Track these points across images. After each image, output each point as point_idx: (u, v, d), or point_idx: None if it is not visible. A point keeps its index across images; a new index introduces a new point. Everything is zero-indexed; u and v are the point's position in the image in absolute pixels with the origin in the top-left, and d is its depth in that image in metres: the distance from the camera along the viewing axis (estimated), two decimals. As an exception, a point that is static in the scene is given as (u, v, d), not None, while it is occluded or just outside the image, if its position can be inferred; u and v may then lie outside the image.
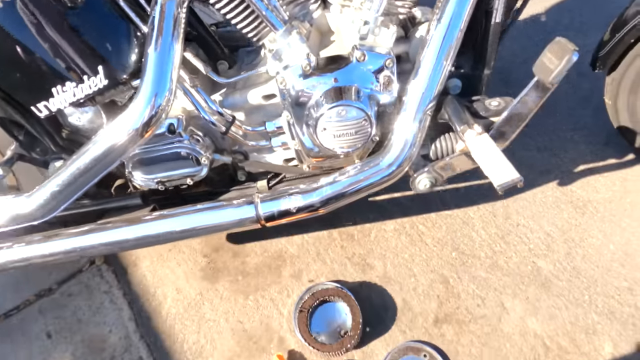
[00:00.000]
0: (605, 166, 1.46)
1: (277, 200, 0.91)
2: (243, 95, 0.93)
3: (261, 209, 0.91)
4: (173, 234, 0.93)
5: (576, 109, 1.60)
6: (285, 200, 0.90)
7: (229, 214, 0.91)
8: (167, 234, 0.93)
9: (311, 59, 0.82)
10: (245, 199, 0.92)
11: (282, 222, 0.93)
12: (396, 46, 0.91)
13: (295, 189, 0.91)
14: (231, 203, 0.92)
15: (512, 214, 1.39)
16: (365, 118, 0.83)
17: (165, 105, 0.81)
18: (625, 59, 1.15)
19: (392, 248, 1.36)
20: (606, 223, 1.35)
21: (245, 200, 0.92)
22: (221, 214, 0.91)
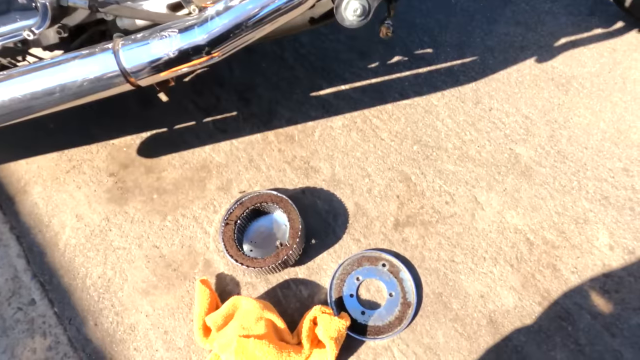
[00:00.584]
0: (591, 37, 1.22)
1: (147, 44, 0.63)
2: None
3: (124, 58, 0.64)
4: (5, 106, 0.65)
5: (554, -22, 1.34)
6: (158, 43, 0.63)
7: (80, 69, 0.64)
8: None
9: None
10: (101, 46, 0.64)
11: (162, 76, 0.66)
12: None
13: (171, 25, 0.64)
14: (82, 54, 0.64)
15: (484, 97, 1.15)
16: None
17: None
18: None
19: (341, 147, 1.11)
20: (594, 99, 1.12)
21: (100, 47, 0.64)
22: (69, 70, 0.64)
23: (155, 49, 0.64)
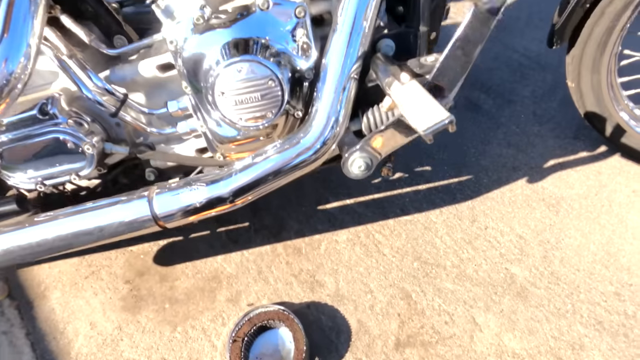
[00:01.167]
0: (577, 160, 1.33)
1: (177, 193, 0.73)
2: (134, 66, 0.78)
3: (157, 206, 0.73)
4: (48, 242, 0.74)
5: (541, 102, 1.49)
6: (187, 193, 0.73)
7: (117, 213, 0.73)
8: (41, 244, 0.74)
9: (205, 11, 0.68)
10: (138, 194, 0.74)
11: (188, 221, 0.75)
12: (316, 4, 0.78)
13: (201, 178, 0.74)
14: (120, 199, 0.74)
15: (479, 215, 1.23)
16: (272, 78, 0.68)
17: (20, 73, 0.65)
18: (582, 31, 1.04)
19: (345, 261, 1.17)
20: (583, 221, 1.20)
21: (138, 195, 0.74)
22: (108, 215, 0.73)
23: (184, 198, 0.73)
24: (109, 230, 0.74)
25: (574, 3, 0.99)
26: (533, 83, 1.54)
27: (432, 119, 0.56)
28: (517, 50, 1.64)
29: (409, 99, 0.61)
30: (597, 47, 1.05)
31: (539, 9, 1.80)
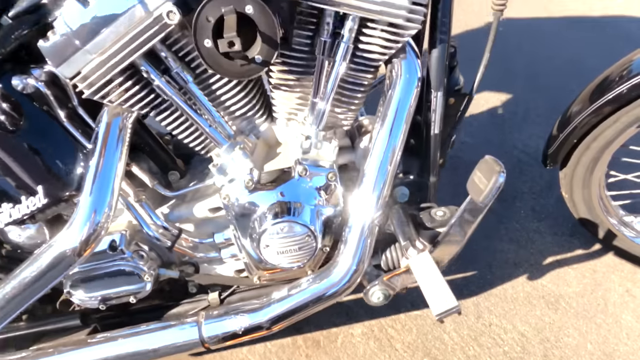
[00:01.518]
0: (573, 257, 1.44)
1: (223, 321, 0.85)
2: (190, 208, 0.92)
3: (205, 331, 0.85)
4: (109, 359, 0.85)
5: (539, 198, 1.62)
6: (231, 321, 0.85)
7: (170, 336, 0.85)
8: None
9: (254, 174, 0.82)
10: (190, 319, 0.86)
11: (230, 344, 0.87)
12: (342, 156, 0.93)
13: (243, 306, 0.86)
14: (174, 325, 0.86)
15: (484, 312, 1.33)
16: (309, 234, 0.81)
17: (104, 222, 0.79)
18: (573, 156, 1.18)
19: (360, 355, 1.27)
20: (580, 320, 1.30)
21: (190, 320, 0.86)
22: (162, 337, 0.85)
23: (229, 325, 0.86)
24: (162, 351, 0.85)
25: (565, 135, 1.13)
26: (531, 179, 1.67)
27: (443, 305, 0.69)
28: (516, 147, 1.79)
29: (424, 273, 0.74)
30: (586, 170, 1.19)
31: (535, 104, 1.96)
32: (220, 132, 0.85)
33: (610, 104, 1.03)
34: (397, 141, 0.83)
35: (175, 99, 0.80)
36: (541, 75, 2.13)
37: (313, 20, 0.77)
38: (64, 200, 0.86)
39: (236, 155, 0.84)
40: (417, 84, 0.83)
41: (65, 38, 0.72)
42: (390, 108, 0.82)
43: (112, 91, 0.78)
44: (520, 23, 2.41)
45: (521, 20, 2.43)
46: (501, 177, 0.67)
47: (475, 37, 2.38)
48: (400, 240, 0.81)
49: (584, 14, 2.51)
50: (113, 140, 0.81)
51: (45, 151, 0.83)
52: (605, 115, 1.05)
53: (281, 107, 0.88)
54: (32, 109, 0.81)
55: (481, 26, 2.43)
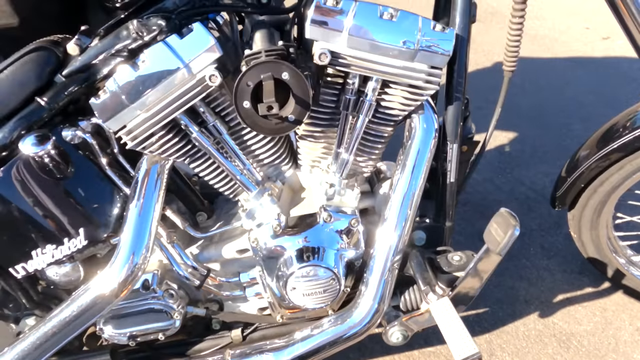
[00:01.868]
0: (583, 295, 1.47)
1: (248, 358, 0.89)
2: (218, 249, 0.97)
3: (231, 370, 0.89)
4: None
5: (547, 236, 1.66)
6: (256, 359, 0.89)
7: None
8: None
9: (281, 219, 0.88)
10: (216, 357, 0.90)
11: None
12: (363, 201, 0.98)
13: (267, 345, 0.90)
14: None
15: (496, 350, 1.36)
16: (333, 277, 0.86)
17: (142, 264, 0.84)
18: (580, 199, 1.23)
19: (375, 393, 1.29)
20: (593, 359, 1.32)
21: (216, 358, 0.90)
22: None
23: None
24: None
25: (573, 178, 1.18)
26: (540, 216, 1.72)
27: (464, 351, 0.73)
28: (524, 183, 1.85)
29: (444, 318, 0.78)
30: (593, 213, 1.23)
31: (541, 142, 2.03)
32: (249, 178, 0.91)
33: (616, 151, 1.08)
34: (416, 188, 0.89)
35: (210, 149, 0.86)
36: (545, 115, 2.20)
37: (339, 81, 0.84)
38: (102, 242, 0.92)
39: (265, 201, 0.90)
40: (434, 136, 0.89)
41: (115, 96, 0.79)
42: (410, 157, 0.88)
43: (153, 143, 0.85)
44: (525, 63, 2.49)
45: (525, 60, 2.52)
46: (516, 230, 0.73)
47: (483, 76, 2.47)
48: (420, 284, 0.86)
49: (586, 54, 2.60)
50: (151, 186, 0.88)
51: (88, 196, 0.89)
52: (611, 162, 1.10)
53: (306, 155, 0.94)
54: (78, 158, 0.87)
55: (488, 66, 2.53)
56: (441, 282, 0.84)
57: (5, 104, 0.82)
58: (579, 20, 2.87)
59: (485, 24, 2.82)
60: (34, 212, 0.85)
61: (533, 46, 2.65)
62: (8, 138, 0.82)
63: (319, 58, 0.77)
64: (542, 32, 2.75)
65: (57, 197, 0.86)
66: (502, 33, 2.65)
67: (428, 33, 0.78)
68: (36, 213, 0.85)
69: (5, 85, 0.82)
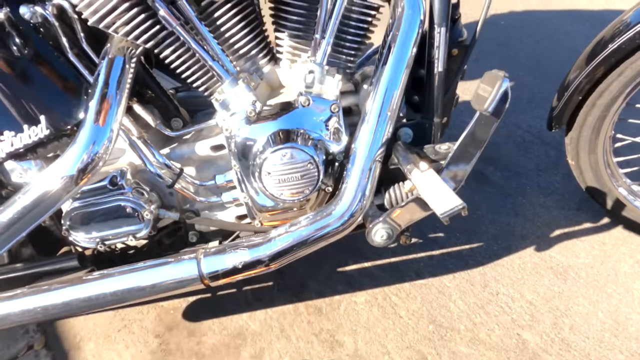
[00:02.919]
0: (582, 230, 1.41)
1: (222, 256, 0.83)
2: (191, 146, 0.92)
3: (204, 266, 0.83)
4: (105, 296, 0.84)
5: (545, 175, 1.60)
6: (230, 256, 0.83)
7: (167, 272, 0.83)
8: (99, 297, 0.84)
9: (256, 105, 0.82)
10: (188, 255, 0.85)
11: (229, 280, 0.85)
12: (346, 98, 0.93)
13: (243, 242, 0.85)
14: (170, 260, 0.84)
15: (490, 281, 1.30)
16: (311, 162, 0.80)
17: (102, 153, 0.78)
18: (578, 117, 1.17)
19: (364, 322, 1.24)
20: (590, 290, 1.26)
21: (187, 256, 0.84)
22: (159, 273, 0.83)
23: (228, 260, 0.84)
24: (159, 287, 0.83)
25: (569, 93, 1.13)
26: (537, 157, 1.66)
27: (447, 205, 0.67)
28: (520, 127, 1.79)
29: (427, 185, 0.73)
30: (592, 132, 1.17)
31: (539, 90, 1.96)
32: (222, 67, 0.85)
33: (613, 55, 1.03)
34: (400, 75, 0.83)
35: (179, 30, 0.80)
36: (543, 64, 2.14)
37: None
38: (66, 134, 0.86)
39: (239, 90, 0.84)
40: (420, 20, 0.83)
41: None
42: (395, 43, 0.82)
43: (117, 19, 0.79)
44: (522, 16, 2.43)
45: (523, 13, 2.45)
46: (505, 81, 0.67)
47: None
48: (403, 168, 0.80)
49: (586, 7, 2.53)
50: (116, 74, 0.82)
51: (49, 82, 0.83)
52: (609, 67, 1.04)
53: (285, 47, 0.88)
54: (38, 39, 0.82)
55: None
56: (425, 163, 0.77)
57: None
58: (579, -23, 2.80)
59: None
60: (-10, 94, 0.80)
61: (530, 1, 2.58)
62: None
63: None
64: (540, -11, 2.68)
65: (15, 77, 0.80)
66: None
67: None
68: (-8, 94, 0.80)
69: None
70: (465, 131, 0.74)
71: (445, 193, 0.69)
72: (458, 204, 0.68)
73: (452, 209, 0.68)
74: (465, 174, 0.78)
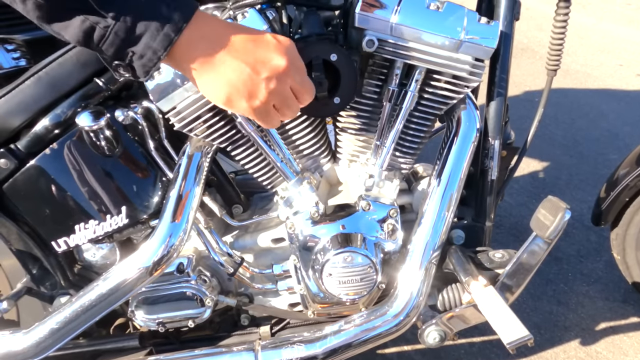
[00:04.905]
0: (629, 325, 1.38)
1: (279, 350, 0.87)
2: (253, 237, 0.97)
3: (261, 358, 0.86)
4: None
5: (587, 262, 1.59)
6: (287, 350, 0.86)
7: None
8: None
9: (319, 207, 0.88)
10: (246, 345, 0.88)
11: (282, 374, 0.87)
12: (400, 197, 0.97)
13: (298, 337, 0.88)
14: (231, 349, 0.88)
15: (535, 376, 1.27)
16: (371, 265, 0.84)
17: (178, 245, 0.84)
18: (625, 216, 1.19)
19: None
20: (642, 392, 1.22)
21: (246, 347, 0.88)
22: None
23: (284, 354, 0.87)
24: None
25: (617, 192, 1.15)
26: (578, 242, 1.65)
27: (514, 334, 0.69)
28: (560, 209, 1.79)
29: (490, 305, 0.75)
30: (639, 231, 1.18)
31: (577, 170, 1.98)
32: (289, 167, 0.92)
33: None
34: (456, 183, 0.88)
35: (253, 134, 0.88)
36: (580, 144, 2.17)
37: (383, 71, 0.86)
38: (142, 222, 0.93)
39: (303, 189, 0.90)
40: (475, 133, 0.89)
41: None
42: (451, 152, 0.88)
43: (199, 125, 0.87)
44: (557, 94, 2.49)
45: (558, 91, 2.52)
46: (567, 213, 0.70)
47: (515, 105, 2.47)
48: (461, 277, 0.83)
49: (619, 87, 2.58)
50: (193, 171, 0.89)
51: (133, 176, 0.92)
52: (658, 173, 1.07)
53: (345, 148, 0.95)
54: (126, 139, 0.91)
55: (520, 96, 2.53)
56: (483, 276, 0.81)
57: (67, 82, 0.87)
58: (611, 57, 2.88)
59: (516, 59, 2.85)
60: (81, 187, 0.88)
61: (565, 80, 2.65)
62: (66, 114, 0.87)
63: (366, 45, 0.79)
64: (574, 67, 2.76)
65: (103, 175, 0.89)
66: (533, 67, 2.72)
67: (473, 25, 0.80)
68: (83, 188, 0.88)
69: (69, 65, 0.87)
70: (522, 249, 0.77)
71: (511, 320, 0.72)
72: (525, 334, 0.70)
73: (519, 339, 0.70)
74: (518, 291, 0.80)
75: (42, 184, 0.87)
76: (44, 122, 0.87)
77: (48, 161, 0.87)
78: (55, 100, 0.88)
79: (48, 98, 0.87)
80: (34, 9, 0.54)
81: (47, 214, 0.89)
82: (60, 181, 0.87)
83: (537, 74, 2.65)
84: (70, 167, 0.88)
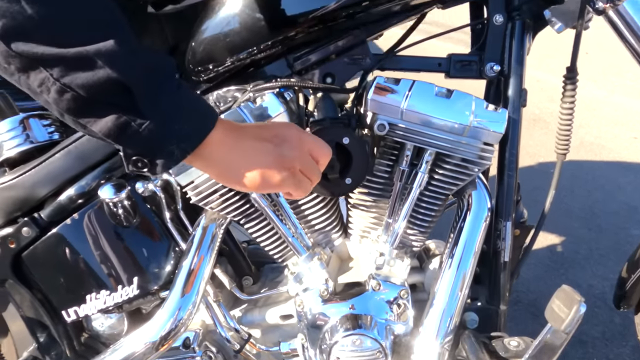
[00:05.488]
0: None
1: None
2: (262, 313, 0.96)
3: None
4: None
5: (613, 346, 1.50)
6: None
7: None
8: None
9: (329, 285, 0.87)
10: None
11: None
12: (411, 276, 0.96)
13: None
14: None
15: None
16: (380, 350, 0.82)
17: (186, 320, 0.84)
18: (649, 301, 1.14)
19: None
20: None
21: None
22: None
23: None
24: None
25: (635, 278, 1.11)
26: (602, 324, 1.58)
27: None
28: (580, 286, 1.73)
29: None
30: (666, 316, 1.12)
31: (596, 245, 1.94)
32: (300, 242, 0.93)
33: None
34: (468, 265, 0.87)
35: (266, 210, 0.90)
36: (598, 217, 2.13)
37: (394, 152, 0.89)
38: (152, 293, 0.94)
39: (313, 266, 0.90)
40: (486, 214, 0.89)
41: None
42: (462, 235, 0.88)
43: (215, 199, 0.90)
44: (573, 166, 2.50)
45: (573, 163, 2.52)
46: (582, 306, 0.68)
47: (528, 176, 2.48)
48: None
49: (636, 160, 2.58)
50: (206, 244, 0.91)
51: (147, 247, 0.94)
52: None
53: (357, 225, 0.96)
54: (145, 209, 0.94)
55: (534, 167, 2.54)
56: (499, 366, 0.77)
57: (94, 156, 0.92)
58: (625, 130, 2.90)
59: (528, 130, 2.90)
60: (97, 257, 0.90)
61: (580, 152, 2.67)
62: (90, 185, 0.91)
63: (377, 128, 0.83)
64: (588, 139, 2.78)
65: (119, 245, 0.91)
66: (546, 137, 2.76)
67: (481, 111, 0.83)
68: (99, 258, 0.90)
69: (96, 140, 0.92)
70: (538, 339, 0.75)
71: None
72: None
73: None
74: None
75: (60, 252, 0.89)
76: (69, 192, 0.92)
77: (68, 231, 0.90)
78: (81, 172, 0.92)
79: (75, 170, 0.92)
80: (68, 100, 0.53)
81: (61, 283, 0.90)
82: (78, 251, 0.90)
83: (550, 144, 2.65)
84: (88, 237, 0.90)
